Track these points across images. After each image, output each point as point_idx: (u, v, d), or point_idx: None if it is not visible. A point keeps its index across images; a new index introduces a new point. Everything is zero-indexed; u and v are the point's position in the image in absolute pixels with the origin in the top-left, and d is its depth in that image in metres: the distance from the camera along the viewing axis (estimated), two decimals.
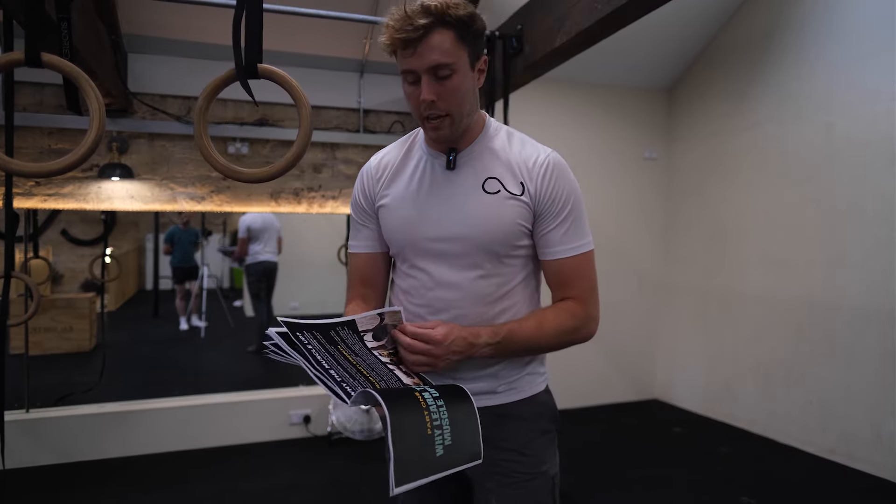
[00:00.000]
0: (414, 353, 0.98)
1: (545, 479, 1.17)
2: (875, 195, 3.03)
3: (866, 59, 3.08)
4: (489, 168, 1.09)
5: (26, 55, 1.22)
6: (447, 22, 0.96)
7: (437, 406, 0.82)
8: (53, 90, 3.05)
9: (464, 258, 1.08)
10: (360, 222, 1.21)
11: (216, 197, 3.37)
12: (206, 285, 4.98)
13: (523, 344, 1.07)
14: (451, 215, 1.08)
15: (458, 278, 1.09)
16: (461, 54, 0.99)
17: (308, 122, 1.33)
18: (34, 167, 1.26)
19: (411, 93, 1.02)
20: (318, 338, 0.90)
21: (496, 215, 1.06)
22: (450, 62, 0.98)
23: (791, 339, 3.46)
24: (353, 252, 1.22)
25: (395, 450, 0.75)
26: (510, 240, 1.08)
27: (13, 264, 1.83)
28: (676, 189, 4.39)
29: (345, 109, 3.62)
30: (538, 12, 2.38)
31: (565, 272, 1.10)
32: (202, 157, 1.34)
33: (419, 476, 0.75)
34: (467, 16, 0.98)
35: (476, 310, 1.09)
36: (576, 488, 2.84)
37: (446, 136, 1.05)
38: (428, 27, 0.95)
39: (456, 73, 0.99)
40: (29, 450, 3.01)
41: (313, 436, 3.46)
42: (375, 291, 1.21)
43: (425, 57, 0.96)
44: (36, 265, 3.36)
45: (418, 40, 0.95)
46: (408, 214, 1.11)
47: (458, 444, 0.81)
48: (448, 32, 0.97)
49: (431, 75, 0.98)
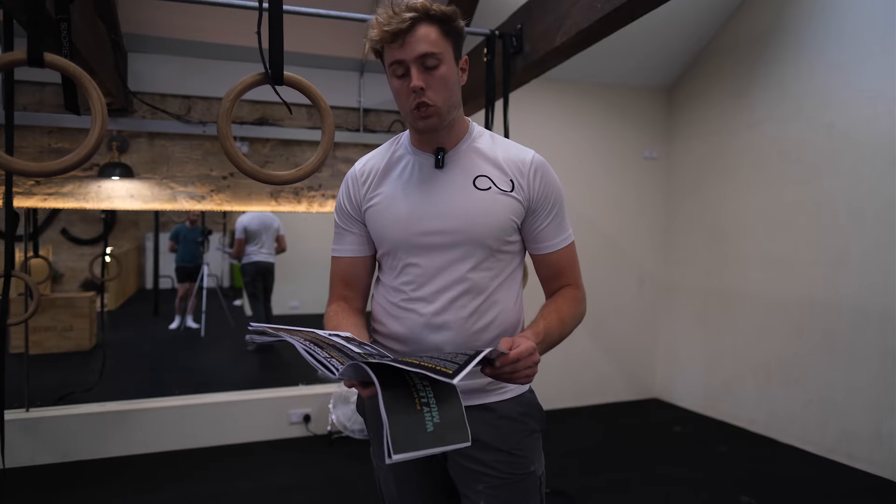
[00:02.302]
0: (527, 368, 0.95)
1: (533, 478, 1.17)
2: (875, 195, 3.03)
3: (866, 59, 3.08)
4: (478, 166, 1.13)
5: (29, 55, 1.22)
6: (431, 16, 1.03)
7: (423, 385, 0.84)
8: (53, 89, 3.05)
9: (456, 251, 1.11)
10: (344, 227, 1.21)
11: (216, 196, 3.37)
12: (206, 284, 4.98)
13: (554, 340, 1.09)
14: (444, 210, 1.11)
15: (451, 271, 1.11)
16: (446, 47, 1.06)
17: (332, 128, 1.41)
18: (35, 166, 1.26)
19: (399, 87, 1.07)
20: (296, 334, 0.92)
21: (489, 210, 1.10)
22: (437, 52, 1.03)
23: (791, 339, 3.46)
24: (336, 256, 1.23)
25: (390, 421, 0.76)
26: (502, 234, 1.12)
27: (13, 263, 1.84)
28: (676, 188, 4.39)
29: (345, 109, 3.62)
30: (538, 11, 2.38)
31: (561, 263, 1.18)
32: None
33: (412, 448, 0.77)
34: (451, 12, 1.05)
35: (470, 304, 1.11)
36: (575, 487, 2.85)
37: (434, 125, 1.08)
38: (415, 20, 1.01)
39: (443, 64, 1.05)
40: (29, 449, 3.02)
41: (313, 435, 3.47)
42: (356, 294, 1.22)
43: (413, 47, 1.02)
44: (36, 264, 3.36)
45: (406, 31, 1.01)
46: (399, 212, 1.13)
47: (447, 422, 0.82)
48: (433, 27, 1.03)
49: (419, 65, 1.03)
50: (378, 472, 1.25)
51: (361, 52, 3.48)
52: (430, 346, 1.12)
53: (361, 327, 1.14)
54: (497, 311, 1.14)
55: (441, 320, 1.11)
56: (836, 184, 3.23)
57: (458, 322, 1.11)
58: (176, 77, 3.25)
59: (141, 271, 5.37)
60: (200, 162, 3.31)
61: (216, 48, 3.22)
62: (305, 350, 0.87)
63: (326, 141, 1.40)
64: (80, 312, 4.26)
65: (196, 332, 5.00)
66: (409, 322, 1.13)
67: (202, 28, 3.11)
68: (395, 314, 1.16)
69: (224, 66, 3.28)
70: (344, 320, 1.14)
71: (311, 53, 3.39)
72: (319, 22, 2.94)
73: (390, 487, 1.22)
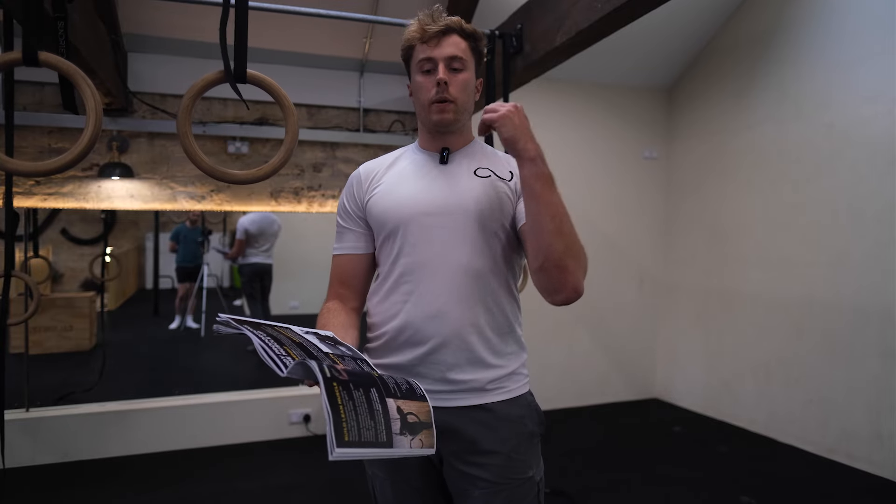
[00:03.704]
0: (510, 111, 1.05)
1: (531, 484, 1.16)
2: (875, 195, 3.03)
3: (866, 59, 3.08)
4: (478, 161, 1.21)
5: (23, 54, 1.22)
6: (463, 32, 1.17)
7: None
8: (53, 89, 3.05)
9: (458, 232, 1.13)
10: (345, 226, 1.25)
11: (216, 196, 3.37)
12: (206, 284, 4.98)
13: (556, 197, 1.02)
14: (446, 192, 1.16)
15: (450, 257, 1.13)
16: (471, 61, 1.18)
17: (295, 128, 1.38)
18: (32, 166, 1.26)
19: (423, 81, 1.16)
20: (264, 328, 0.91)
21: (489, 194, 1.16)
22: (464, 58, 1.15)
23: (791, 339, 3.46)
24: (336, 254, 1.26)
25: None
26: (501, 218, 1.15)
27: (13, 263, 1.84)
28: (676, 188, 4.39)
29: (345, 109, 3.62)
30: (538, 11, 2.38)
31: None
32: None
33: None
34: (479, 34, 1.21)
35: (467, 290, 1.12)
36: (575, 487, 2.85)
37: (448, 120, 1.16)
38: (450, 28, 1.15)
39: (466, 70, 1.16)
40: (29, 449, 3.02)
41: (313, 435, 3.47)
42: (353, 292, 1.24)
43: (445, 48, 1.14)
44: (36, 264, 3.36)
45: (442, 34, 1.14)
46: (403, 194, 1.17)
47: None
48: (464, 40, 1.17)
49: (447, 65, 1.14)
50: (374, 479, 1.23)
51: (362, 52, 3.49)
52: (427, 332, 1.12)
53: (349, 326, 1.15)
54: (492, 301, 1.14)
55: (437, 307, 1.11)
56: (836, 184, 3.23)
57: (454, 309, 1.11)
58: (176, 77, 3.24)
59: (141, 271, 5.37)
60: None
61: (216, 48, 3.22)
62: (261, 345, 0.85)
63: (290, 140, 1.37)
64: (80, 312, 4.26)
65: (196, 332, 5.00)
66: (409, 306, 1.13)
67: (202, 28, 3.11)
68: (393, 299, 1.16)
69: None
70: (332, 319, 1.15)
71: (311, 53, 3.39)
72: (319, 22, 2.94)
73: (386, 494, 1.21)
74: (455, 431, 1.12)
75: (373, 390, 0.82)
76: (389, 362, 1.16)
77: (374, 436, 0.77)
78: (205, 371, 4.52)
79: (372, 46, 3.40)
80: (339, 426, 0.74)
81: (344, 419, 0.75)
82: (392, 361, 1.16)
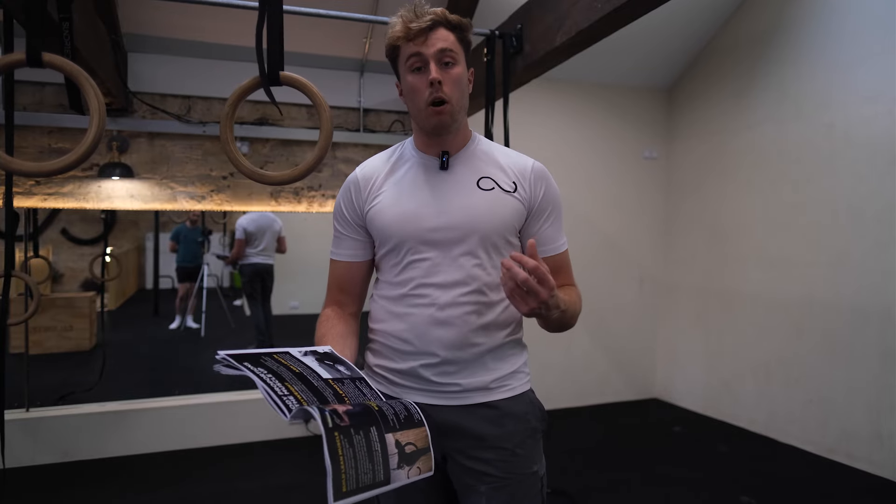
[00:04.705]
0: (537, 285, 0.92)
1: (535, 479, 1.17)
2: (875, 195, 3.03)
3: (866, 59, 3.08)
4: (481, 168, 1.18)
5: (27, 56, 1.22)
6: (450, 24, 1.12)
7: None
8: (54, 89, 3.05)
9: (462, 246, 1.12)
10: (343, 232, 1.22)
11: (216, 196, 3.37)
12: (207, 284, 4.98)
13: (570, 314, 1.10)
14: (451, 206, 1.13)
15: (456, 267, 1.13)
16: (460, 52, 1.14)
17: (329, 126, 1.41)
18: (34, 166, 1.26)
19: (415, 81, 1.11)
20: (264, 362, 0.91)
21: (494, 209, 1.14)
22: (454, 50, 1.11)
23: (791, 339, 3.46)
24: (334, 259, 1.24)
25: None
26: (506, 233, 1.15)
27: (13, 263, 1.84)
28: (676, 188, 4.39)
29: (345, 108, 3.62)
30: (538, 11, 2.38)
31: (559, 263, 1.22)
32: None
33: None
34: (465, 23, 1.15)
35: (473, 301, 1.12)
36: (576, 487, 2.85)
37: (446, 123, 1.13)
38: (436, 22, 1.10)
39: (458, 64, 1.12)
40: (29, 449, 3.02)
41: (313, 435, 3.47)
42: (351, 298, 1.23)
43: (433, 43, 1.10)
44: (36, 264, 3.36)
45: (428, 30, 1.09)
46: (405, 209, 1.14)
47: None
48: (451, 33, 1.12)
49: (438, 61, 1.10)
50: None
51: (361, 52, 3.50)
52: (432, 342, 1.12)
53: (348, 335, 1.16)
54: (497, 312, 1.15)
55: (446, 315, 1.11)
56: (836, 184, 3.23)
57: (461, 318, 1.11)
58: (176, 77, 3.24)
59: (141, 271, 5.38)
60: (200, 162, 3.31)
61: (216, 48, 3.22)
62: (264, 388, 0.86)
63: (324, 139, 1.40)
64: (80, 312, 4.27)
65: (196, 332, 5.01)
66: (414, 317, 1.13)
67: (202, 28, 3.11)
68: (398, 310, 1.16)
69: (224, 66, 3.28)
70: (331, 329, 1.15)
71: (311, 53, 3.39)
72: (319, 22, 2.94)
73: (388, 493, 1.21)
74: (461, 428, 1.13)
75: (372, 430, 0.84)
76: (393, 367, 1.17)
77: (371, 479, 0.80)
78: (205, 371, 4.52)
79: (372, 46, 3.41)
80: (338, 478, 0.77)
81: (343, 471, 0.78)
82: (396, 367, 1.16)
